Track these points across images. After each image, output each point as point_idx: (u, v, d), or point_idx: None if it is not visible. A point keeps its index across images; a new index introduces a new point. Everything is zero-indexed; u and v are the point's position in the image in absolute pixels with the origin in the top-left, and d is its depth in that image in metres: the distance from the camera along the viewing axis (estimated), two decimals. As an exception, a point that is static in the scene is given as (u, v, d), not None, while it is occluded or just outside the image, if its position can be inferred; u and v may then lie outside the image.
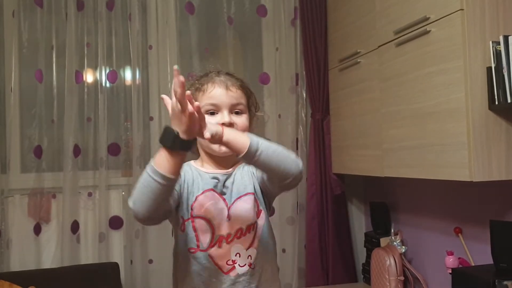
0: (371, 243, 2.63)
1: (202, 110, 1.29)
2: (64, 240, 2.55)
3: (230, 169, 1.41)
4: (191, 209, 1.34)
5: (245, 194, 1.38)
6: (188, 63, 2.79)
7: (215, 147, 1.34)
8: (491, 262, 1.80)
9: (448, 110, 1.75)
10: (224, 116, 1.34)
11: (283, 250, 2.81)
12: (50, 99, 2.60)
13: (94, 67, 2.67)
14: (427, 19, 1.84)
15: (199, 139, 1.32)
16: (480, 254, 2.00)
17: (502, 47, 1.61)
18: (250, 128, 1.42)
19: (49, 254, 2.58)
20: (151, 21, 2.77)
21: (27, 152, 2.59)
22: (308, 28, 2.82)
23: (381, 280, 2.36)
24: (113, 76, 2.70)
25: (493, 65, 1.63)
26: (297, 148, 2.88)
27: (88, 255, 2.61)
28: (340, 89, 2.65)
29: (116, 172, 2.71)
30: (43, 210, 2.56)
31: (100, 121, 2.63)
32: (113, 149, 2.68)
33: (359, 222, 3.03)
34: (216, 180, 1.38)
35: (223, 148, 1.28)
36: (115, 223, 2.65)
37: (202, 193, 1.36)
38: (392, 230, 2.46)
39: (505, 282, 1.64)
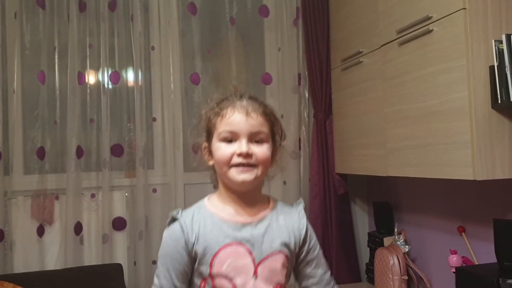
0: (375, 242, 2.63)
1: (219, 137, 1.24)
2: (68, 241, 2.55)
3: (257, 217, 1.27)
4: (210, 266, 1.21)
5: (279, 252, 1.26)
6: (190, 64, 2.79)
7: (234, 175, 1.22)
8: (495, 261, 1.80)
9: (451, 109, 1.75)
10: (242, 145, 1.21)
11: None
12: (53, 101, 2.60)
13: (97, 68, 2.67)
14: (430, 18, 1.83)
15: (217, 166, 1.26)
16: (483, 253, 2.00)
17: (504, 46, 1.61)
18: (273, 159, 1.29)
19: (52, 255, 2.57)
20: (153, 21, 2.78)
21: (30, 154, 2.58)
22: (310, 28, 2.82)
23: (384, 279, 2.35)
24: (116, 77, 2.69)
25: (495, 64, 1.63)
26: (299, 148, 2.88)
27: (91, 257, 2.60)
28: (342, 89, 2.65)
29: (119, 173, 2.71)
30: (46, 212, 2.56)
31: (103, 122, 2.62)
32: (116, 150, 2.68)
33: (363, 222, 3.03)
34: (237, 232, 1.24)
35: (241, 177, 1.21)
36: (119, 224, 2.65)
37: (222, 248, 1.22)
38: (396, 230, 2.46)
39: (509, 281, 1.63)
